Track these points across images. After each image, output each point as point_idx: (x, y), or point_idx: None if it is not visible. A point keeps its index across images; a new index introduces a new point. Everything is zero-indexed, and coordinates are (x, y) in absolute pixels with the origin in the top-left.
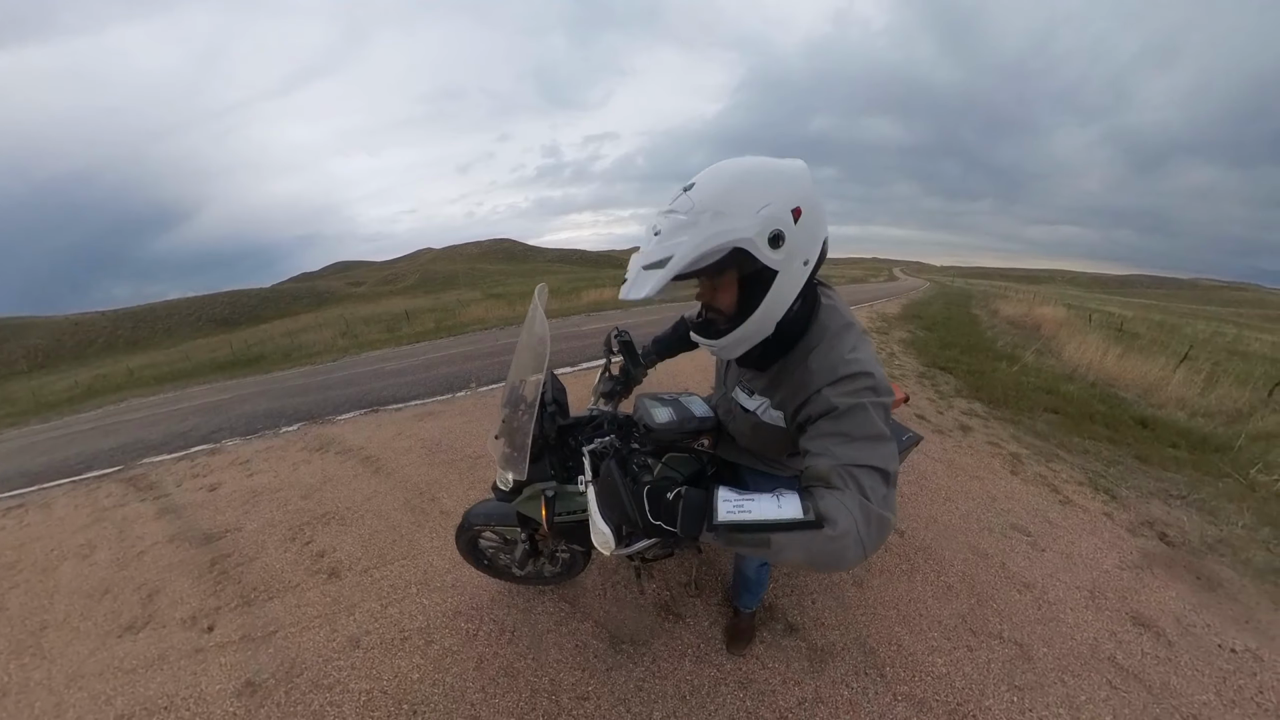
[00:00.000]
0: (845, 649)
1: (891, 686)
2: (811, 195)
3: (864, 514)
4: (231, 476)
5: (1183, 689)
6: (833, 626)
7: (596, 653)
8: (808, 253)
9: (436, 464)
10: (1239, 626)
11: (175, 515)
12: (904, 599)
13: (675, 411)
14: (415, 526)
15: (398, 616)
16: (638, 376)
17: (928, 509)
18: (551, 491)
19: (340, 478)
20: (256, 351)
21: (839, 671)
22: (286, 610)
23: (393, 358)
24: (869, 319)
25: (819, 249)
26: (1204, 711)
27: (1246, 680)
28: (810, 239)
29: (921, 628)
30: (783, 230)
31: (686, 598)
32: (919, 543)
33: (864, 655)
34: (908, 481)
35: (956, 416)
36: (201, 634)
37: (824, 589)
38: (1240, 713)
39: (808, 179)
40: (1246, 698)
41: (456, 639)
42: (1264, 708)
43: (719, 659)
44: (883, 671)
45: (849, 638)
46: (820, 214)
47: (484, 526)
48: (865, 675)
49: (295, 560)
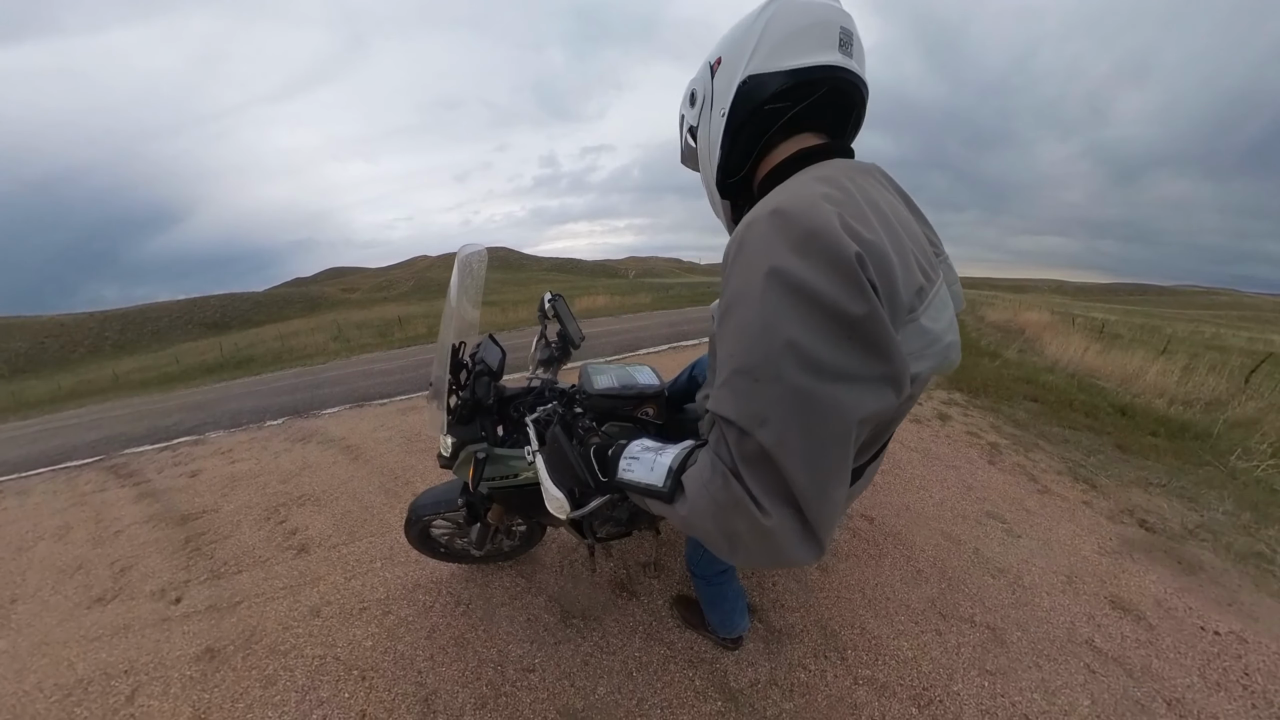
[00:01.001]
0: (805, 631)
1: (852, 670)
2: (739, 40)
3: (707, 491)
4: (213, 464)
5: (1165, 672)
6: (793, 609)
7: (547, 626)
8: (723, 101)
9: (414, 452)
10: (1222, 609)
11: (154, 499)
12: (870, 583)
13: (617, 378)
14: (387, 507)
15: (359, 589)
16: (575, 341)
17: (900, 497)
18: (483, 454)
19: (320, 464)
20: (247, 354)
21: (796, 654)
22: (254, 583)
23: (383, 360)
24: None
25: (731, 96)
26: (1187, 694)
27: (1232, 663)
28: (725, 82)
29: (888, 611)
30: (695, 89)
31: (644, 577)
32: (889, 529)
33: (824, 638)
34: (880, 471)
35: (935, 406)
36: (169, 605)
37: (786, 571)
38: (1226, 695)
39: (749, 21)
40: (1232, 680)
41: (413, 610)
42: (1250, 690)
43: (670, 636)
44: (843, 655)
45: (809, 620)
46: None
47: (433, 515)
48: (824, 658)
49: (268, 538)
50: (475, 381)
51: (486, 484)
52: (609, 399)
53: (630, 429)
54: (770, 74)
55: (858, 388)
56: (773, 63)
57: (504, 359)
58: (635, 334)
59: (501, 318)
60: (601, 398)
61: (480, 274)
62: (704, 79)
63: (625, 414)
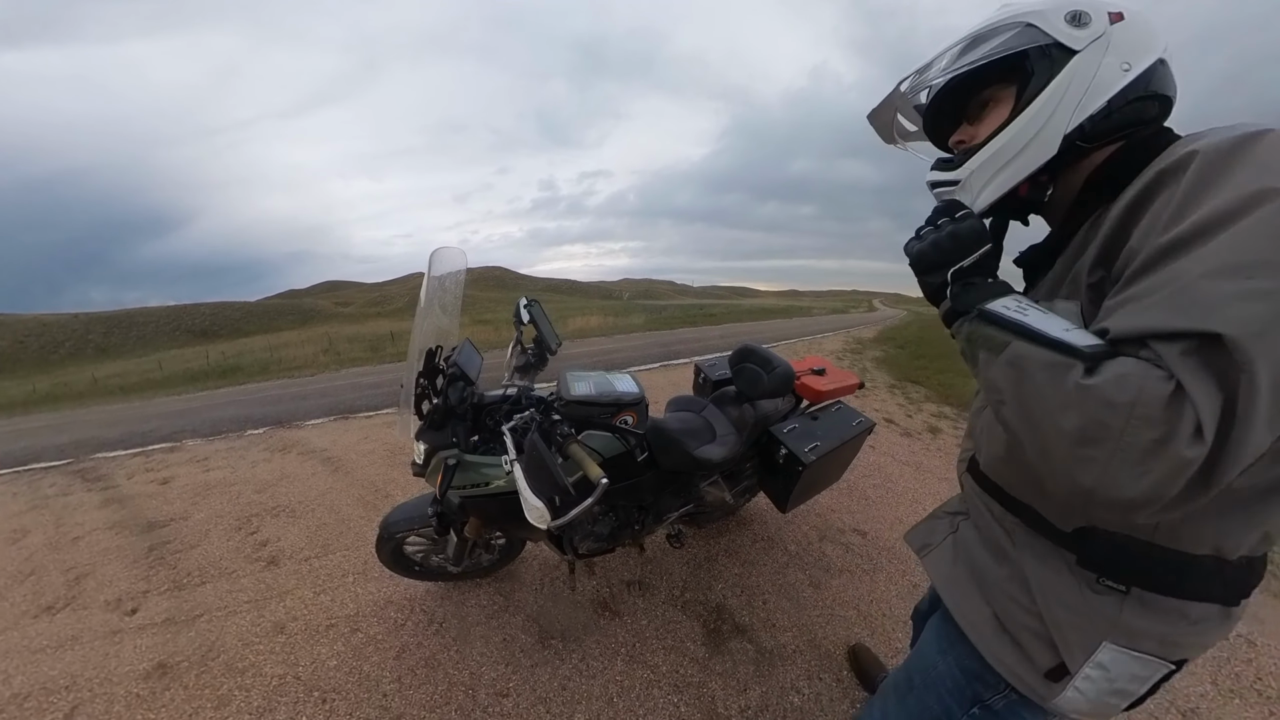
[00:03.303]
0: (797, 651)
1: (848, 692)
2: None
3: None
4: (186, 471)
5: (1176, 682)
6: (785, 628)
7: (524, 647)
8: (1131, 57)
9: (397, 464)
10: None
11: (120, 505)
12: (865, 598)
13: (595, 385)
14: (364, 520)
15: (328, 604)
16: (551, 347)
17: (893, 510)
18: (453, 460)
19: (298, 475)
20: (233, 363)
21: (789, 676)
22: (217, 595)
23: (373, 374)
24: (844, 343)
25: (1148, 62)
26: (1202, 704)
27: (1243, 667)
28: (1138, 44)
29: (884, 628)
30: (1085, 9)
31: (628, 596)
32: (882, 543)
33: (818, 658)
34: (872, 485)
35: (926, 419)
36: (123, 616)
37: (778, 589)
38: (1241, 703)
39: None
40: (1245, 685)
41: (382, 628)
42: (1265, 695)
43: (654, 659)
44: (838, 676)
45: (802, 640)
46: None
47: (406, 532)
48: (819, 680)
49: (237, 548)
50: (450, 387)
51: (457, 493)
52: (587, 406)
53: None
54: (1172, 78)
55: None
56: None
57: (481, 365)
58: (627, 353)
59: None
60: (579, 405)
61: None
62: (1095, 9)
63: (603, 422)
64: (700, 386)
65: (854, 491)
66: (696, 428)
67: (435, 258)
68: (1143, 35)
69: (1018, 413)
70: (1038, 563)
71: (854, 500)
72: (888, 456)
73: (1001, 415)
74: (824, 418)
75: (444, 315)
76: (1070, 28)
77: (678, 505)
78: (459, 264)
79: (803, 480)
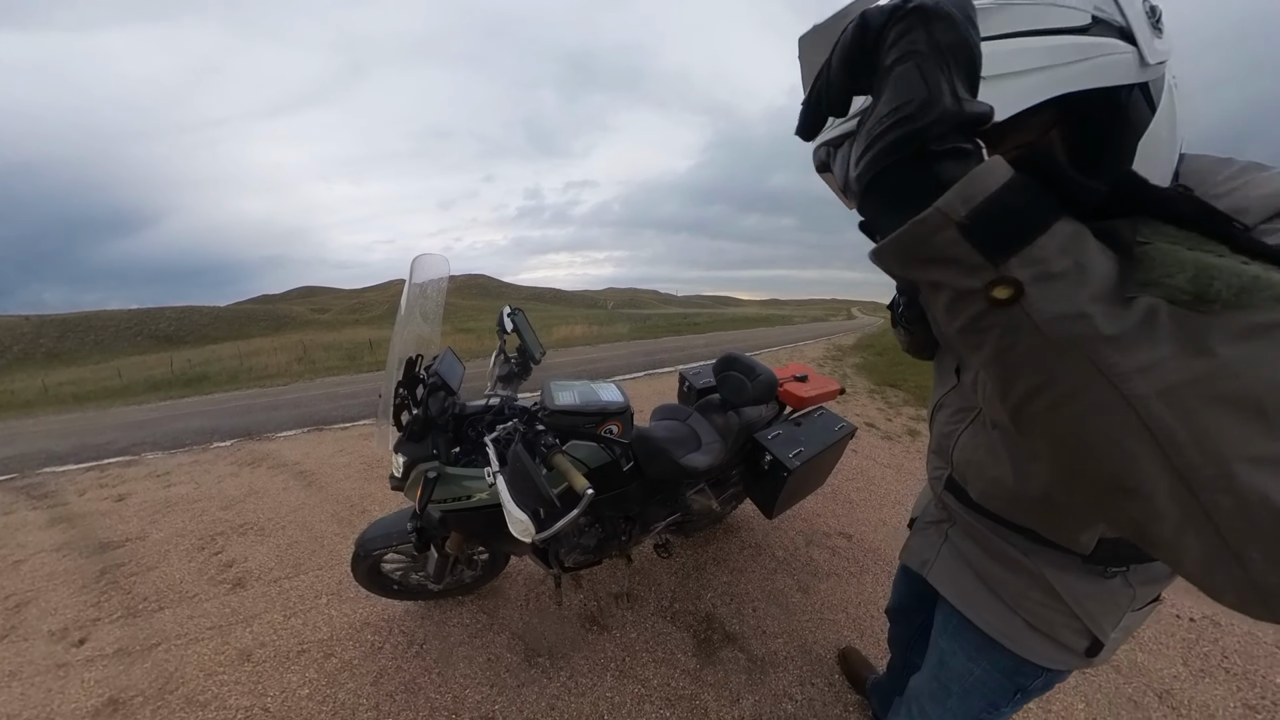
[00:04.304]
0: (788, 658)
1: (841, 696)
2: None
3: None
4: (145, 487)
5: (1151, 665)
6: (775, 635)
7: (509, 667)
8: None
9: (374, 479)
10: (1192, 595)
11: (69, 524)
12: (853, 601)
13: (580, 394)
14: (340, 537)
15: (299, 628)
16: (535, 356)
17: (876, 513)
18: (434, 473)
19: (268, 490)
20: (200, 371)
21: (781, 683)
22: (176, 622)
23: (349, 383)
24: (825, 350)
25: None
26: (1175, 685)
27: (1210, 647)
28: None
29: (873, 630)
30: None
31: (616, 609)
32: (867, 545)
33: (809, 663)
34: (855, 488)
35: (905, 422)
36: (70, 648)
37: (767, 595)
38: (1211, 680)
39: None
40: (1214, 665)
41: (359, 651)
42: (1231, 672)
43: (645, 673)
44: (830, 679)
45: (792, 645)
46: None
47: (383, 549)
48: (810, 685)
49: (199, 570)
50: (430, 397)
51: (438, 507)
52: (572, 416)
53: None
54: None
55: None
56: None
57: (463, 375)
58: (611, 362)
59: (478, 345)
60: (564, 414)
61: (440, 284)
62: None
63: (588, 431)
64: (685, 395)
65: (838, 495)
66: (682, 436)
67: (417, 264)
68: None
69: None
70: (1056, 570)
71: (838, 504)
72: (870, 460)
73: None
74: (807, 424)
75: (425, 323)
76: (1158, 38)
77: (665, 514)
78: (441, 271)
79: (788, 486)
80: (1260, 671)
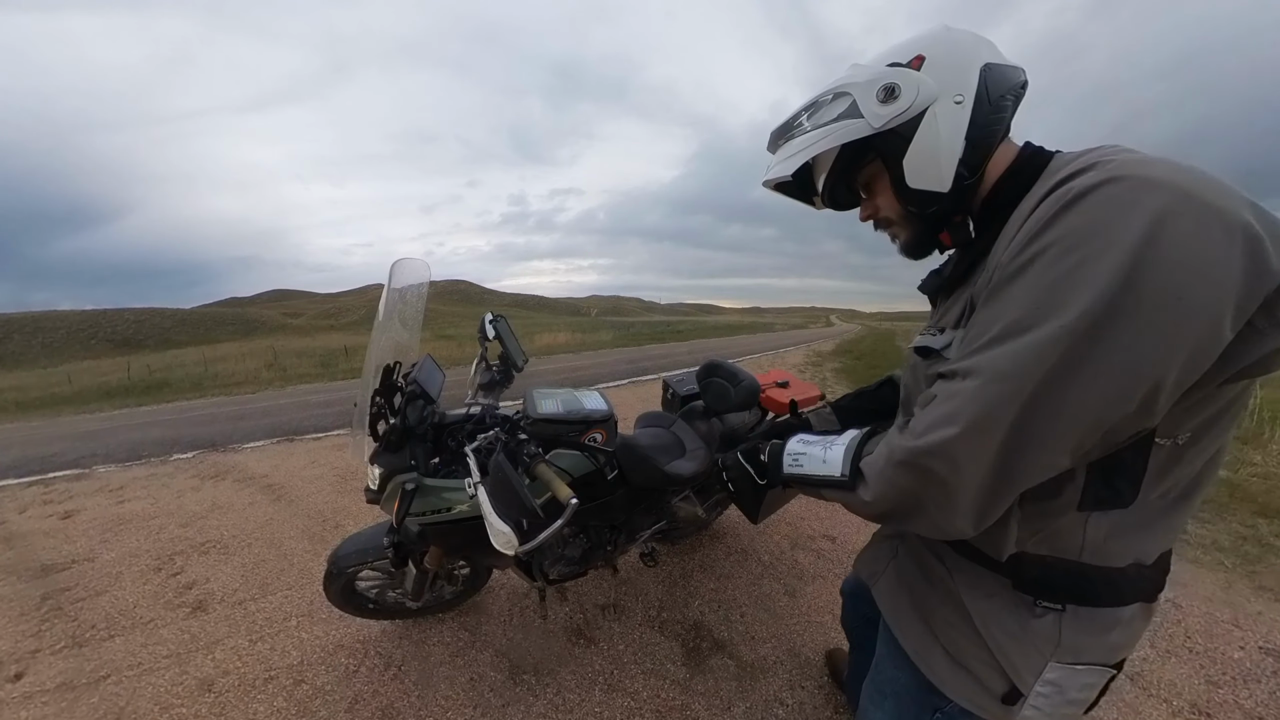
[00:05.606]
0: (778, 662)
1: (831, 698)
2: (947, 39)
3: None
4: (95, 503)
5: None
6: (763, 639)
7: (493, 686)
8: (956, 86)
9: (347, 492)
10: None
11: (6, 545)
12: (839, 603)
13: (563, 402)
14: (311, 555)
15: (267, 653)
16: (517, 364)
17: None
18: (412, 484)
19: (233, 505)
20: (160, 378)
21: (771, 688)
22: (129, 650)
23: (323, 391)
24: (805, 357)
25: (974, 80)
26: (1145, 667)
27: (1174, 628)
28: (953, 71)
29: None
30: (893, 82)
31: (603, 621)
32: (852, 547)
33: (798, 667)
34: None
35: None
36: (4, 683)
37: (754, 600)
38: (1176, 660)
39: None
40: (1179, 645)
41: (332, 676)
42: (1194, 651)
43: (634, 685)
44: (820, 682)
45: (781, 650)
46: (968, 52)
47: (358, 566)
48: (801, 689)
49: (155, 593)
50: (408, 405)
51: (416, 520)
52: (555, 424)
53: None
54: (1008, 66)
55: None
56: (1001, 59)
57: (443, 383)
58: (596, 370)
59: (458, 352)
60: (547, 423)
61: (420, 289)
62: (901, 74)
63: (572, 440)
64: (669, 402)
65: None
66: (666, 443)
67: (396, 269)
68: (954, 60)
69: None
70: (983, 597)
71: (822, 507)
72: None
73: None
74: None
75: (404, 329)
76: (881, 105)
77: (650, 523)
78: (422, 276)
79: (772, 491)
80: (1219, 649)
